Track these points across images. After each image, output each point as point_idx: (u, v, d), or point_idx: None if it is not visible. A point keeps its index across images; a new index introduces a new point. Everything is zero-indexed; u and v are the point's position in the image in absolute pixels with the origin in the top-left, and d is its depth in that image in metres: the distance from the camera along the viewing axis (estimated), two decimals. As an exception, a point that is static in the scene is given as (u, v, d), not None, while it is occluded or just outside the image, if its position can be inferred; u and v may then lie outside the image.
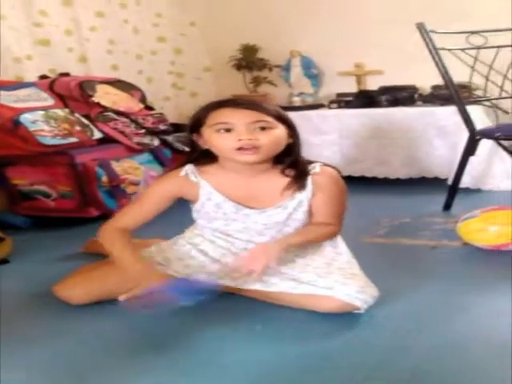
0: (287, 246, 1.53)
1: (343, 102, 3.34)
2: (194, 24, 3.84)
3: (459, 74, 3.12)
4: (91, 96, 2.71)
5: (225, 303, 1.55)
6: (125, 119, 2.77)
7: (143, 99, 3.05)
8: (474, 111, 2.90)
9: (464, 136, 2.87)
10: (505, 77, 2.33)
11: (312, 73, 3.73)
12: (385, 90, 3.27)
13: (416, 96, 3.26)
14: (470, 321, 1.41)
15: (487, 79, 2.30)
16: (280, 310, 1.51)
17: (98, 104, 2.73)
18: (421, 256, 1.96)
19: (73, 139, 2.46)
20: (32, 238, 2.42)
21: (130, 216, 1.65)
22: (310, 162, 1.60)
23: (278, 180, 1.57)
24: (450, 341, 1.30)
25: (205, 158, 1.59)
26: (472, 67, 2.24)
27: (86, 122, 2.58)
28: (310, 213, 1.61)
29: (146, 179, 2.80)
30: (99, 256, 2.00)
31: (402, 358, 1.24)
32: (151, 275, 1.47)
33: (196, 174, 1.59)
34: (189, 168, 1.59)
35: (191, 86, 3.97)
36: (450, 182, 2.92)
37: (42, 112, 2.46)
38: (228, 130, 1.47)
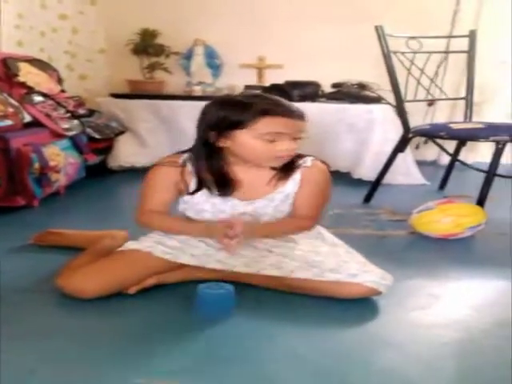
0: (253, 233, 1.57)
1: (254, 94, 3.41)
2: (95, 3, 3.67)
3: (364, 74, 3.41)
4: (17, 75, 2.48)
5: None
6: (51, 101, 2.58)
7: (60, 80, 2.86)
8: (387, 110, 3.18)
9: (373, 133, 3.14)
10: (432, 80, 2.59)
11: (215, 63, 3.77)
12: (292, 85, 3.40)
13: (320, 92, 3.45)
14: (467, 299, 1.57)
15: (418, 82, 2.55)
16: (293, 297, 1.53)
17: (23, 84, 2.50)
18: (375, 244, 2.09)
19: (8, 121, 2.24)
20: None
21: (156, 201, 1.60)
22: (303, 156, 1.64)
23: (267, 173, 1.61)
24: (462, 312, 1.47)
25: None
26: (408, 70, 2.46)
27: (15, 103, 2.36)
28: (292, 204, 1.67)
29: (66, 166, 2.64)
30: (54, 247, 1.90)
31: (445, 333, 1.34)
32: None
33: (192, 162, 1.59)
34: (186, 156, 1.59)
35: (82, 68, 3.79)
36: (355, 175, 3.17)
37: (-26, 91, 2.21)
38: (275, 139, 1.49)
